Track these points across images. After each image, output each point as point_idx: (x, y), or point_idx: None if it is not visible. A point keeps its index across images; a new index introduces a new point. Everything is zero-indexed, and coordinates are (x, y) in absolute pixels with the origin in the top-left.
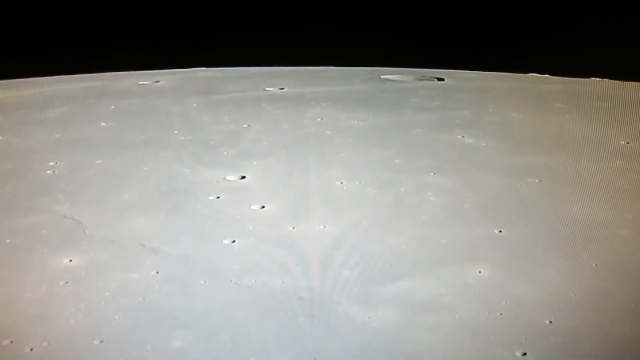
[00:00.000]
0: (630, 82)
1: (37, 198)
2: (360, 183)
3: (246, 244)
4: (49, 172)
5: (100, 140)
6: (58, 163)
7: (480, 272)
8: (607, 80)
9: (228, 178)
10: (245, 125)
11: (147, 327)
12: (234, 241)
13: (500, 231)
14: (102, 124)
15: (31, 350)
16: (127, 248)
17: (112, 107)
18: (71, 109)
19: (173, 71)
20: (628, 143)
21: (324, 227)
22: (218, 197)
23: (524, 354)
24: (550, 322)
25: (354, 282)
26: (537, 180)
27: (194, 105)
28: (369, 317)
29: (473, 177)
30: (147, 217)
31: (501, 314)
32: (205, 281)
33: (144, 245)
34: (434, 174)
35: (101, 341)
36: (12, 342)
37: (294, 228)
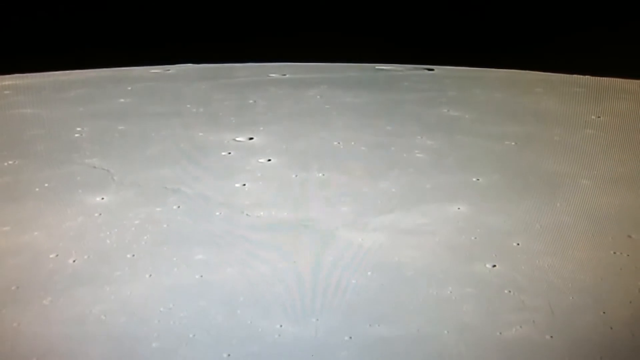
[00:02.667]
0: (611, 78)
1: (69, 154)
2: (354, 143)
3: (255, 186)
4: (77, 135)
5: (120, 112)
6: (84, 129)
7: (458, 208)
8: (588, 76)
9: (237, 139)
10: (251, 101)
11: (171, 245)
12: (244, 184)
13: (478, 179)
14: (121, 100)
15: (74, 261)
16: (151, 189)
17: (129, 88)
18: (90, 90)
19: (180, 65)
20: (599, 117)
21: (323, 175)
22: (229, 153)
23: (494, 266)
24: (518, 244)
25: (349, 215)
26: (512, 143)
27: (204, 86)
28: (362, 239)
29: (455, 140)
30: (167, 168)
31: (475, 237)
32: (220, 213)
33: (165, 187)
34: (421, 137)
35: (133, 255)
36: (57, 255)
37: (296, 175)
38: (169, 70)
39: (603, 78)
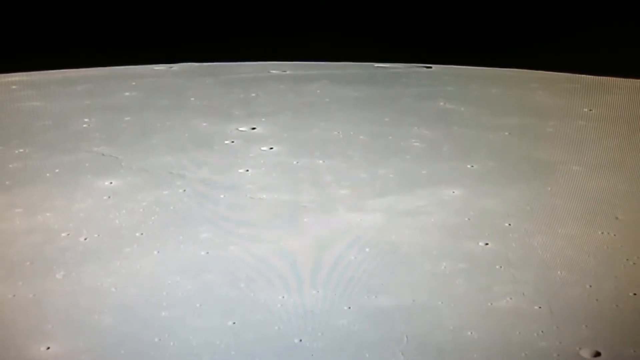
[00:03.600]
0: (605, 77)
1: (77, 143)
2: (353, 133)
3: (258, 172)
4: (84, 125)
5: (126, 104)
6: (91, 120)
7: (453, 192)
8: (583, 75)
9: (240, 129)
10: (253, 95)
11: (178, 225)
12: (247, 170)
13: (472, 166)
14: (126, 94)
15: (85, 239)
16: (158, 174)
17: (133, 83)
18: (96, 85)
19: (183, 63)
20: (591, 110)
21: (323, 161)
22: (232, 142)
23: (486, 244)
24: (509, 224)
25: (348, 197)
26: (507, 133)
27: (207, 82)
28: (360, 219)
29: (451, 130)
30: (173, 155)
31: (468, 219)
32: (224, 196)
33: (172, 173)
34: (418, 127)
35: (142, 233)
36: (68, 234)
37: (297, 162)
38: (172, 67)
39: (597, 77)
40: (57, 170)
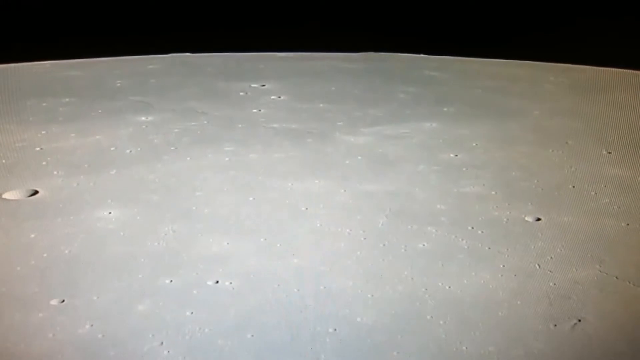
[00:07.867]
0: (574, 65)
1: (114, 94)
2: (348, 89)
3: (269, 112)
4: (118, 84)
5: (151, 73)
6: (123, 81)
7: (431, 124)
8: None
9: (252, 85)
10: (261, 66)
11: (204, 143)
12: (260, 110)
13: (449, 109)
14: (150, 66)
15: (130, 151)
16: (185, 113)
17: (153, 61)
18: (119, 63)
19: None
20: (556, 78)
21: (322, 105)
22: (246, 93)
23: (456, 155)
24: (476, 144)
25: (344, 126)
26: (480, 91)
27: (219, 61)
28: (354, 139)
29: (434, 88)
30: (197, 101)
31: (442, 141)
32: (241, 125)
33: (197, 111)
34: (404, 86)
35: (175, 148)
36: (115, 148)
37: (301, 106)
38: (185, 54)
39: (568, 64)
40: (100, 111)
